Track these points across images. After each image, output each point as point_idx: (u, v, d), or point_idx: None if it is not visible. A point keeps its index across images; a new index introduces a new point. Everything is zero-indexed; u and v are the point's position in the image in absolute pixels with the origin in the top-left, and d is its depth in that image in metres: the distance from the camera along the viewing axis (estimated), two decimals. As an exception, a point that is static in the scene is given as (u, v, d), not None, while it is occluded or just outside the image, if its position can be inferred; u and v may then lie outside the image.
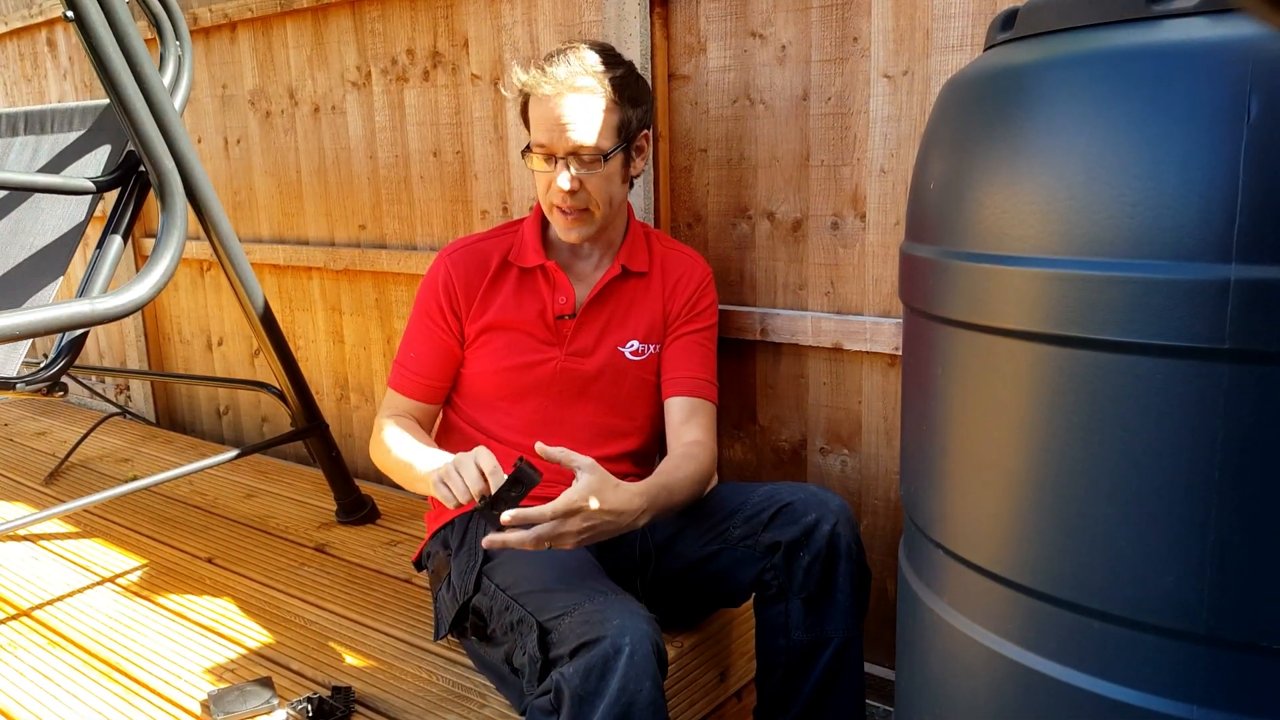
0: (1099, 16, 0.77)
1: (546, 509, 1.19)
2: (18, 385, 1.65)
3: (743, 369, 1.78)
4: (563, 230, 1.45)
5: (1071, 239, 0.75)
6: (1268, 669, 0.72)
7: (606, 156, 1.39)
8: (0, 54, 3.37)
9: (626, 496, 1.25)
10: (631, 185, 1.52)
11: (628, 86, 1.41)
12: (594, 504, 1.20)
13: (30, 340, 1.52)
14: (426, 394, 1.53)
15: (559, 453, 1.24)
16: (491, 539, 1.20)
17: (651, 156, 1.51)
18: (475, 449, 1.26)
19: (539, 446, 1.23)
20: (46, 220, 1.76)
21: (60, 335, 1.67)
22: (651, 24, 1.72)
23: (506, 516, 1.18)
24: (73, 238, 1.73)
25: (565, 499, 1.20)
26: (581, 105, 1.37)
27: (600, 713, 1.08)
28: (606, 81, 1.38)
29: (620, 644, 1.10)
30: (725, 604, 1.49)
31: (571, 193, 1.39)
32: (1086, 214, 0.74)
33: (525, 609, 1.23)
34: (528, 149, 1.43)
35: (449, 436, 1.57)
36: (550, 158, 1.40)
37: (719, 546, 1.39)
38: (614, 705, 1.08)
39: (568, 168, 1.38)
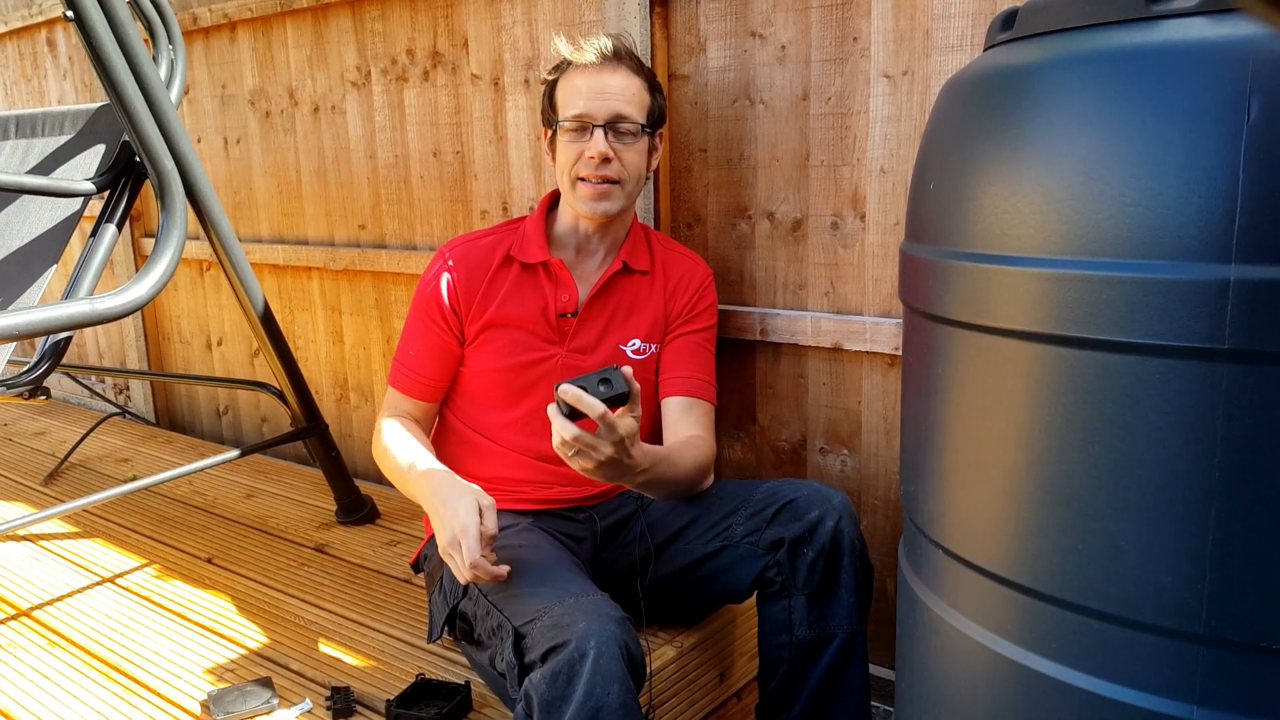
0: (1099, 16, 0.77)
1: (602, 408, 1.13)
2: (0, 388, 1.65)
3: (742, 369, 1.77)
4: (588, 203, 1.44)
5: (1071, 239, 0.75)
6: (1268, 669, 0.72)
7: (642, 129, 1.44)
8: (0, 54, 3.37)
9: (638, 446, 1.23)
10: (644, 182, 1.52)
11: (655, 80, 1.50)
12: (626, 424, 1.17)
13: (14, 343, 1.52)
14: (425, 392, 1.52)
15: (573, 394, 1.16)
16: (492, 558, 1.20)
17: (659, 157, 1.54)
18: (475, 509, 1.23)
19: (561, 387, 1.15)
20: (34, 223, 1.76)
21: (44, 339, 1.67)
22: (651, 24, 1.72)
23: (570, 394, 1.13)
24: (61, 239, 1.72)
25: (616, 426, 1.15)
26: (623, 78, 1.43)
27: (567, 718, 1.08)
28: (642, 68, 1.47)
29: (585, 648, 1.09)
30: (728, 601, 1.49)
31: (605, 160, 1.41)
32: (1086, 214, 0.74)
33: (503, 614, 1.24)
34: (554, 133, 1.45)
35: (446, 438, 1.57)
36: (584, 128, 1.41)
37: (721, 544, 1.39)
38: (580, 710, 1.07)
39: (605, 135, 1.41)
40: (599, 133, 1.40)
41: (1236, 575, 0.71)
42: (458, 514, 1.24)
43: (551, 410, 1.17)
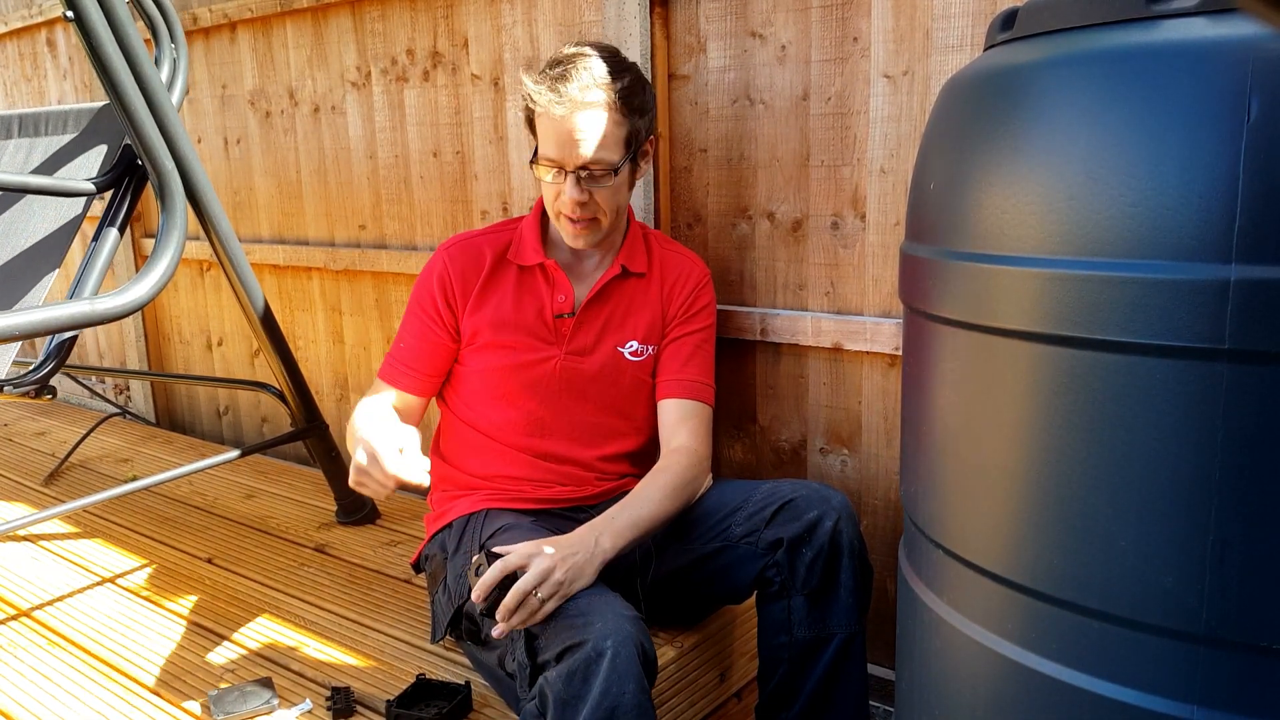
0: (1099, 16, 0.77)
1: (520, 583, 1.18)
2: (5, 387, 1.65)
3: (742, 369, 1.77)
4: (570, 238, 1.46)
5: (1071, 239, 0.75)
6: (1268, 669, 0.72)
7: (616, 170, 1.40)
8: (0, 54, 3.37)
9: (573, 534, 1.26)
10: (628, 200, 1.52)
11: (634, 95, 1.40)
12: (549, 550, 1.21)
13: (19, 343, 1.52)
14: (412, 385, 1.51)
15: (497, 551, 1.24)
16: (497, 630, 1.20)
17: (652, 156, 1.53)
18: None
19: (476, 558, 1.23)
20: (39, 222, 1.76)
21: (49, 338, 1.67)
22: (651, 24, 1.72)
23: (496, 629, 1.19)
24: (65, 239, 1.72)
25: (529, 565, 1.19)
26: (592, 120, 1.36)
27: (583, 717, 1.08)
28: (615, 94, 1.37)
29: (602, 647, 1.10)
30: (727, 601, 1.49)
31: (580, 204, 1.40)
32: (1086, 214, 0.74)
33: None
34: (535, 158, 1.43)
35: (448, 435, 1.57)
36: (560, 170, 1.40)
37: (721, 544, 1.39)
38: (597, 709, 1.08)
39: (578, 181, 1.39)
40: (570, 179, 1.39)
41: (1236, 575, 0.71)
42: (371, 434, 1.24)
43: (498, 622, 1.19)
